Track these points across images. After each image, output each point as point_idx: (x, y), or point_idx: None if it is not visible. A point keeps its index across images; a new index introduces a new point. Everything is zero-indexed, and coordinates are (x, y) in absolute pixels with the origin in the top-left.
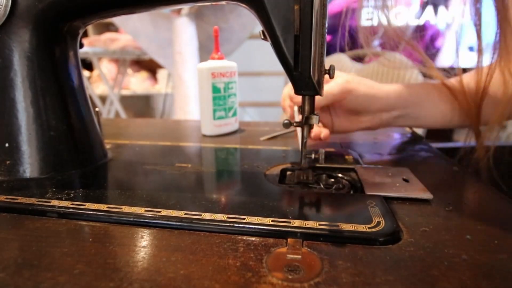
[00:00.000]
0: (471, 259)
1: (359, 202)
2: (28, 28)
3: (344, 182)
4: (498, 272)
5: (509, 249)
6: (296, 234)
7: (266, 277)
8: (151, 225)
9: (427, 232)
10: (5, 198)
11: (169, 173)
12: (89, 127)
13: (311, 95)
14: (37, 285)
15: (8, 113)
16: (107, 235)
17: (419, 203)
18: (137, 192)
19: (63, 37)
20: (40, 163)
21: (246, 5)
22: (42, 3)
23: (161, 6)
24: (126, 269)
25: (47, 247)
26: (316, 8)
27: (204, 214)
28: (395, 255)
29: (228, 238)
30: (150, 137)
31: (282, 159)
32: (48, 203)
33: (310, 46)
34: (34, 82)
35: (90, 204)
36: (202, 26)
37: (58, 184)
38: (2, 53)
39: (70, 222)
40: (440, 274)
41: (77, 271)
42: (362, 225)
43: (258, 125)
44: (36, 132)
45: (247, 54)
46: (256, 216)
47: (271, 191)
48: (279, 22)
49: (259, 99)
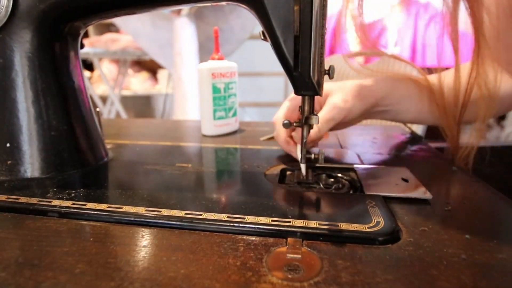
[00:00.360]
0: (470, 258)
1: (358, 202)
2: (29, 29)
3: (344, 182)
4: (497, 272)
5: (508, 249)
6: (296, 234)
7: (266, 276)
8: (152, 225)
9: (426, 231)
10: (6, 198)
11: (169, 173)
12: (90, 127)
13: (311, 95)
14: (38, 285)
15: (9, 113)
16: (107, 235)
17: (418, 202)
18: (138, 192)
19: (64, 37)
20: (41, 163)
21: (246, 6)
22: (43, 3)
23: (161, 6)
24: (127, 269)
25: (48, 247)
26: (315, 8)
27: (204, 214)
28: (394, 255)
29: (228, 237)
30: (150, 137)
31: (284, 159)
32: (49, 203)
33: (310, 46)
34: (35, 83)
35: (91, 204)
36: (202, 26)
37: (59, 184)
38: (3, 54)
39: (71, 222)
40: (439, 274)
41: (78, 271)
42: (361, 224)
43: (258, 125)
44: (37, 132)
45: (247, 54)
46: (256, 216)
47: (271, 191)
48: (279, 23)
49: (259, 99)
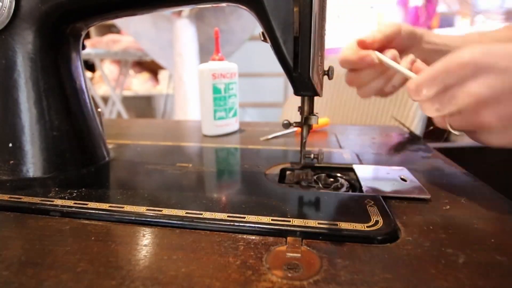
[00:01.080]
0: (468, 257)
1: (357, 201)
2: (31, 30)
3: (343, 182)
4: (494, 271)
5: (505, 248)
6: (295, 233)
7: (266, 275)
8: (153, 224)
9: (425, 230)
10: (9, 197)
11: (170, 173)
12: (92, 128)
13: (310, 96)
14: (40, 283)
15: (11, 113)
16: (109, 234)
17: (417, 202)
18: (139, 191)
19: (66, 38)
20: (43, 162)
21: (247, 7)
22: (45, 5)
23: (162, 8)
24: (128, 267)
25: (50, 246)
26: (315, 10)
27: (205, 213)
28: (393, 254)
29: (229, 236)
30: (151, 137)
31: (283, 159)
32: (51, 202)
33: (309, 47)
34: (37, 83)
35: (92, 203)
36: (202, 27)
37: (61, 184)
38: (5, 55)
39: (72, 221)
40: (438, 272)
41: (79, 269)
42: (360, 224)
43: (258, 125)
44: (39, 132)
45: (247, 55)
46: (256, 215)
47: (271, 190)
48: (279, 24)
49: (259, 99)
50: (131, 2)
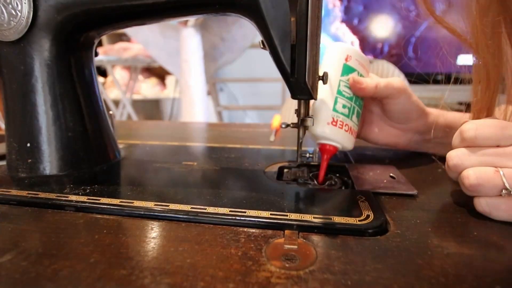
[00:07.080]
0: (453, 249)
1: (350, 197)
2: (48, 38)
3: (336, 179)
4: (477, 261)
5: (486, 240)
6: (292, 226)
7: (265, 265)
8: (160, 218)
9: (412, 224)
10: (27, 193)
11: (176, 171)
12: (104, 129)
13: (306, 99)
14: (56, 273)
15: (29, 115)
16: (120, 227)
17: (405, 198)
18: (147, 188)
19: (80, 46)
20: (58, 161)
21: (247, 17)
22: (61, 15)
23: (169, 18)
24: (138, 258)
25: (65, 238)
26: (310, 20)
27: (208, 208)
28: (383, 246)
29: (231, 230)
30: (159, 138)
31: (282, 158)
32: (66, 198)
33: (305, 54)
34: (54, 88)
35: (104, 199)
36: (207, 36)
37: (75, 181)
38: (24, 61)
39: (86, 215)
40: (424, 263)
41: (92, 260)
42: (352, 218)
43: (258, 126)
44: (55, 133)
45: (248, 62)
46: (256, 210)
47: (269, 187)
48: (277, 33)
49: (259, 102)
50: (141, 13)
